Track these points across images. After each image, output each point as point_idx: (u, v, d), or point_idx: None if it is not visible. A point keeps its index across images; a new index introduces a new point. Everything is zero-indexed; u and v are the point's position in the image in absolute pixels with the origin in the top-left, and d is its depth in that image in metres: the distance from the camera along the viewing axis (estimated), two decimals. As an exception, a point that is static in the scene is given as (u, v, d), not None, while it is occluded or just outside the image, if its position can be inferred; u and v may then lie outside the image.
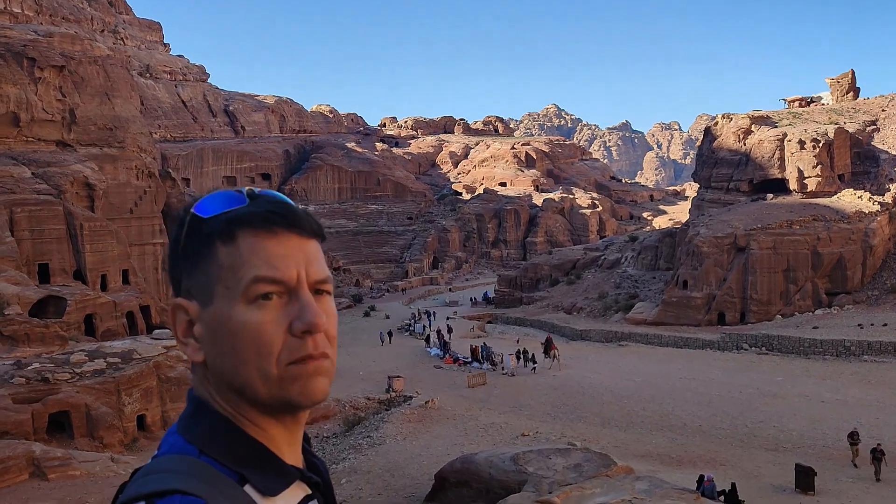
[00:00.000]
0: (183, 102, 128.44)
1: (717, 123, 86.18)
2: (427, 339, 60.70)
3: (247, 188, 1.60)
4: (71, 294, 49.00)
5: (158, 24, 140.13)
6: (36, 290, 47.06)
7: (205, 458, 1.48)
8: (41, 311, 46.08)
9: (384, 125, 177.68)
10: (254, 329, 1.47)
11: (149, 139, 72.58)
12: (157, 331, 44.07)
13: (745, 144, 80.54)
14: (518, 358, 49.37)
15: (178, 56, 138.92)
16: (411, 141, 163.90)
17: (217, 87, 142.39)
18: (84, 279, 53.77)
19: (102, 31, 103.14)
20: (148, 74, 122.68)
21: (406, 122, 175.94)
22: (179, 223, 1.58)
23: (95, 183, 57.23)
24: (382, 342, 60.67)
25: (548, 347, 52.25)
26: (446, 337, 58.35)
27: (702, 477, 23.84)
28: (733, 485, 23.40)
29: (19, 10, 76.75)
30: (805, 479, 25.11)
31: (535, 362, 48.75)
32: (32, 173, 54.02)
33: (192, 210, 1.55)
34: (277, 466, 1.55)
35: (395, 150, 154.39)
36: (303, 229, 1.55)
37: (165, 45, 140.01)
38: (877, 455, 26.75)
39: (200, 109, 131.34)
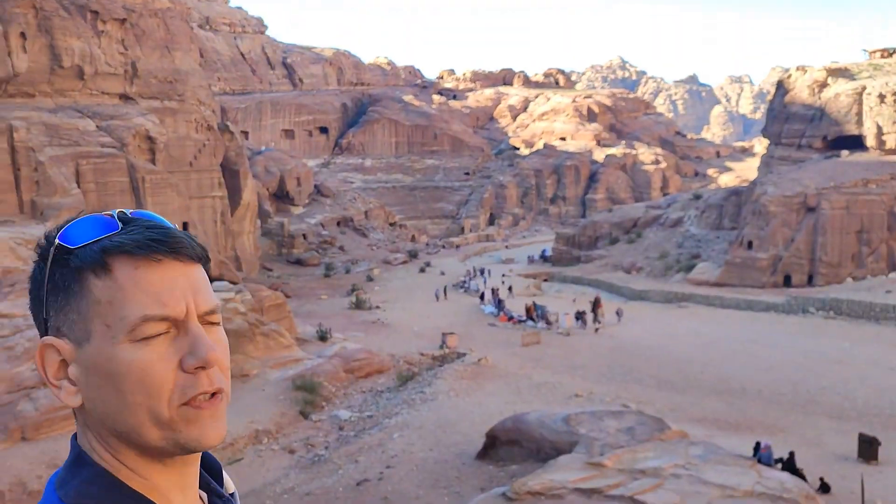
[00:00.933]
0: (242, 55, 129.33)
1: (790, 76, 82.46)
2: (482, 297, 60.54)
3: (117, 211, 1.42)
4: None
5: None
6: (101, 241, 48.34)
7: None
8: (106, 261, 47.33)
9: (442, 78, 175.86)
10: (141, 369, 1.33)
11: (208, 92, 73.30)
12: (215, 283, 44.95)
13: (819, 98, 76.92)
14: (577, 318, 48.81)
15: (237, 8, 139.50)
16: (469, 94, 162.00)
17: (275, 40, 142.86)
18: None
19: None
20: (207, 27, 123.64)
21: (464, 74, 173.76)
22: (41, 255, 1.39)
23: (156, 136, 58.19)
24: (438, 298, 60.76)
25: (595, 306, 51.67)
26: (501, 295, 58.01)
27: (758, 444, 23.23)
28: (792, 453, 22.71)
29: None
30: (868, 448, 24.29)
31: (585, 322, 48.41)
32: (97, 126, 55.17)
33: (56, 240, 1.37)
34: None
35: (452, 103, 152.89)
36: (187, 255, 1.40)
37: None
38: None
39: (259, 62, 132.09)
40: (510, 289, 64.26)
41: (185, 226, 58.18)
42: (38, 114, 52.08)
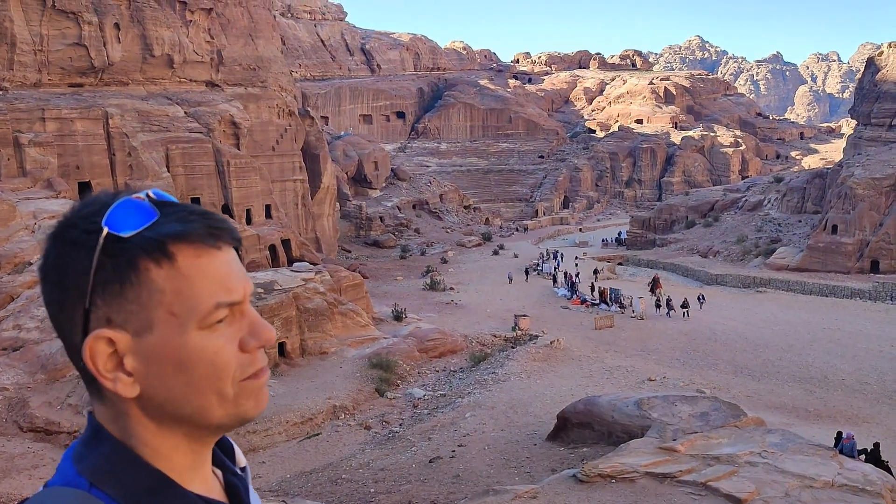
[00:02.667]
0: (322, 41, 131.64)
1: (882, 53, 78.67)
2: (554, 280, 60.52)
3: (145, 192, 1.39)
4: (220, 226, 52.29)
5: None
6: (189, 223, 50.55)
7: (95, 492, 1.33)
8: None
9: (517, 61, 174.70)
10: (214, 353, 1.38)
11: (289, 78, 75.21)
12: (296, 263, 46.46)
13: (913, 77, 73.23)
14: (658, 306, 47.84)
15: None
16: (544, 77, 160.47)
17: (354, 26, 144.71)
18: (231, 213, 57.26)
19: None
20: (289, 14, 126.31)
21: (540, 57, 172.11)
22: (74, 242, 1.34)
23: (241, 121, 60.25)
24: (511, 280, 61.07)
25: (654, 286, 50.86)
26: (574, 278, 57.94)
27: (840, 434, 22.75)
28: (876, 444, 22.16)
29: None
30: (958, 442, 23.44)
31: (670, 308, 47.24)
32: (185, 112, 57.55)
33: (104, 227, 1.32)
34: (181, 498, 1.41)
35: (527, 86, 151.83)
36: (235, 240, 1.44)
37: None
38: None
39: (338, 48, 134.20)
40: (596, 272, 64.06)
41: (267, 208, 60.21)
42: (131, 101, 54.73)
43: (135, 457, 1.39)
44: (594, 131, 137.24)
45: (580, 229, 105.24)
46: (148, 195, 1.38)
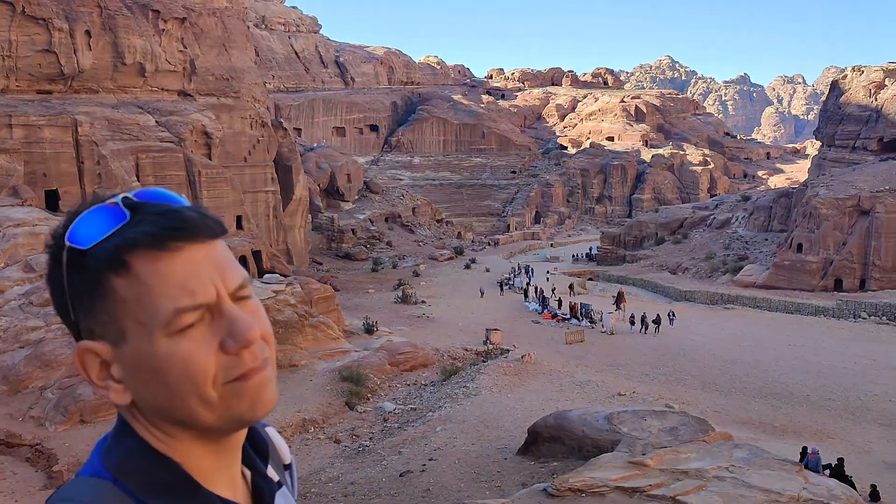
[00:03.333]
0: (296, 53, 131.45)
1: (845, 77, 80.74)
2: (525, 294, 60.78)
3: (122, 196, 1.34)
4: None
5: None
6: (158, 233, 49.97)
7: (120, 486, 1.34)
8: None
9: (491, 77, 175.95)
10: (182, 360, 1.31)
11: (262, 89, 74.92)
12: (267, 275, 46.11)
13: (876, 99, 75.16)
14: (632, 323, 47.80)
15: (292, 7, 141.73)
16: (517, 93, 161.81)
17: (328, 38, 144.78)
18: (201, 224, 56.61)
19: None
20: (263, 26, 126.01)
21: (513, 73, 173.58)
22: (53, 257, 1.33)
23: (213, 132, 59.84)
24: (482, 294, 61.22)
25: (618, 301, 51.20)
26: (546, 293, 58.26)
27: (805, 449, 23.07)
28: (841, 459, 22.50)
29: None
30: (920, 457, 23.91)
31: (644, 324, 46.93)
32: (156, 121, 57.01)
33: (66, 241, 1.30)
34: (200, 497, 1.40)
35: (500, 102, 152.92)
36: (205, 235, 1.35)
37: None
38: None
39: (312, 60, 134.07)
40: (571, 287, 64.43)
41: (238, 219, 59.72)
42: (102, 109, 54.09)
43: (157, 453, 1.39)
44: (566, 148, 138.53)
45: (551, 244, 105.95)
46: (126, 198, 1.33)
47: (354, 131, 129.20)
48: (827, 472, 22.09)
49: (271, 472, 1.60)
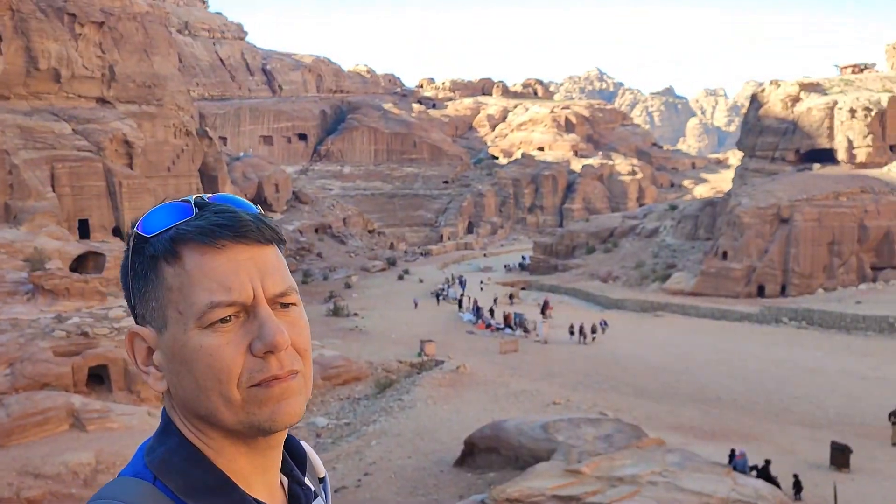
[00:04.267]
0: (221, 61, 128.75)
1: (764, 90, 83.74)
2: (460, 304, 60.63)
3: (195, 196, 1.44)
4: (110, 250, 49.75)
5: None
6: (76, 246, 47.86)
7: (159, 486, 1.38)
8: (81, 266, 46.89)
9: (422, 86, 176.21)
10: (209, 354, 1.36)
11: (186, 97, 72.89)
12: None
13: (792, 112, 78.22)
14: (571, 333, 47.38)
15: (216, 14, 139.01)
16: (448, 103, 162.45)
17: (255, 46, 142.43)
18: (123, 236, 54.60)
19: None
20: (186, 32, 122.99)
21: (444, 83, 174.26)
22: (127, 245, 1.45)
23: (134, 140, 57.73)
24: (416, 305, 60.76)
25: (544, 309, 51.65)
26: (480, 303, 58.22)
27: (733, 451, 23.50)
28: (767, 461, 22.98)
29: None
30: (840, 456, 24.63)
31: (584, 336, 46.65)
32: (73, 130, 54.65)
33: (135, 228, 1.42)
34: (238, 500, 1.41)
35: (431, 112, 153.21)
36: (254, 239, 1.41)
37: (203, 2, 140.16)
38: (893, 419, 26.92)
39: (238, 68, 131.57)
40: (511, 297, 64.51)
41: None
42: (13, 116, 51.53)
43: (198, 454, 1.43)
44: (497, 158, 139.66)
45: (485, 254, 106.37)
46: (199, 197, 1.43)
47: (282, 140, 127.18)
48: (754, 473, 22.52)
49: (308, 482, 1.61)
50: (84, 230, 52.83)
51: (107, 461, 24.36)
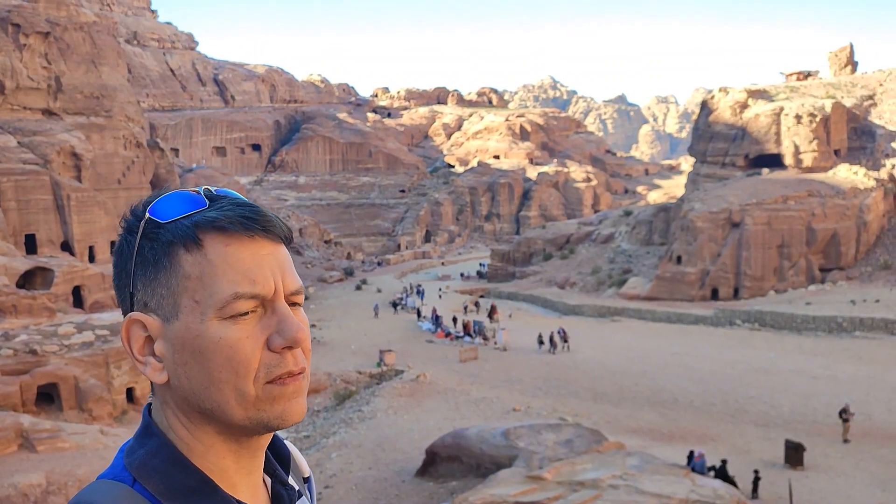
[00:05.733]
0: (171, 71, 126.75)
1: (713, 97, 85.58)
2: (419, 313, 60.52)
3: (203, 188, 1.44)
4: (58, 265, 48.46)
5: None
6: (23, 262, 46.49)
7: (138, 488, 1.35)
8: (28, 282, 45.56)
9: (376, 96, 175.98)
10: (230, 346, 1.34)
11: (136, 108, 71.52)
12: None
13: (741, 118, 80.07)
14: (541, 343, 46.34)
15: (166, 23, 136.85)
16: (404, 112, 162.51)
17: (206, 56, 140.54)
18: (72, 250, 53.18)
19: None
20: (135, 42, 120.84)
21: (398, 92, 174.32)
22: (128, 229, 1.40)
23: (82, 153, 56.37)
24: (377, 313, 60.56)
25: (491, 314, 51.91)
26: (439, 312, 58.19)
27: (692, 453, 23.78)
28: (724, 461, 23.32)
29: (4, -25, 74.93)
30: (794, 454, 25.12)
31: (554, 346, 45.67)
32: (18, 142, 53.14)
33: (147, 213, 1.39)
34: (218, 500, 1.40)
35: (387, 121, 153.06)
36: (276, 234, 1.41)
37: (153, 11, 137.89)
38: (843, 416, 27.60)
39: (189, 78, 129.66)
40: (477, 304, 64.93)
41: (112, 245, 56.40)
42: (-45, 129, 49.92)
43: (179, 455, 1.40)
44: (453, 166, 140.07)
45: (442, 263, 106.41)
46: (207, 189, 1.43)
47: (236, 151, 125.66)
48: (712, 473, 22.84)
49: (292, 482, 1.60)
50: (31, 245, 51.35)
51: (58, 482, 23.64)
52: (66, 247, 53.24)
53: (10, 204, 50.31)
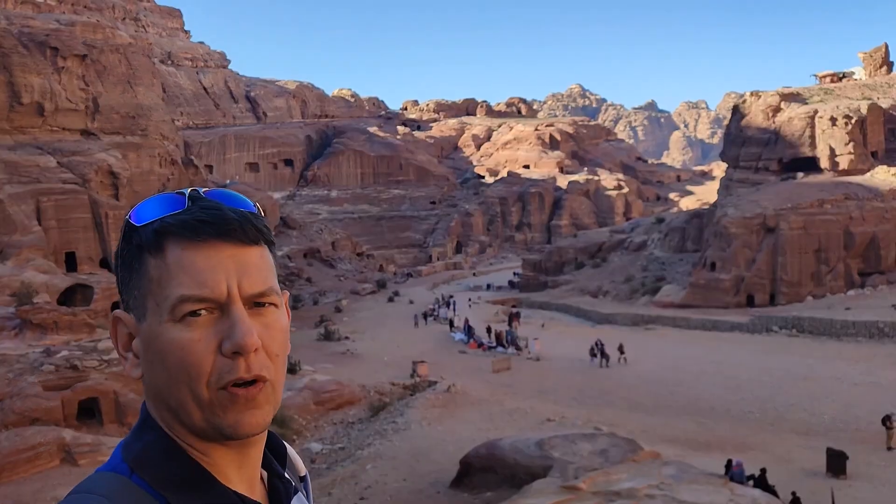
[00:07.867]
0: (205, 89, 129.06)
1: (745, 101, 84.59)
2: (451, 324, 60.57)
3: (189, 189, 1.45)
4: (98, 282, 49.45)
5: (179, 10, 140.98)
6: (63, 279, 47.54)
7: (136, 479, 1.38)
8: (69, 299, 46.54)
9: (406, 109, 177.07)
10: (181, 348, 1.36)
11: (171, 127, 72.93)
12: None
13: (774, 122, 78.99)
14: (593, 355, 44.94)
15: (199, 43, 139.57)
16: (433, 124, 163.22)
17: (238, 74, 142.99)
18: (110, 267, 54.27)
19: (124, 18, 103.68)
20: (169, 62, 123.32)
21: (428, 105, 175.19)
22: (122, 232, 1.47)
23: (119, 171, 57.61)
24: (416, 324, 61.07)
25: (511, 321, 51.37)
26: (471, 322, 58.18)
27: (730, 461, 23.43)
28: (763, 469, 22.94)
29: (41, 0, 77.15)
30: (837, 462, 24.61)
31: (607, 358, 44.35)
32: (58, 162, 54.49)
33: (127, 217, 1.44)
34: (216, 492, 1.41)
35: (416, 133, 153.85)
36: (236, 237, 1.40)
37: (186, 31, 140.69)
38: (887, 424, 27.09)
39: (222, 96, 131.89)
40: (509, 316, 64.34)
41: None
42: (-3, 151, 51.37)
43: (176, 447, 1.43)
44: (483, 177, 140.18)
45: (474, 273, 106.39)
46: (194, 191, 1.43)
47: (268, 166, 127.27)
48: (751, 482, 22.47)
49: (288, 476, 1.62)
50: (71, 263, 52.51)
51: (99, 495, 24.02)
52: (105, 263, 54.35)
53: (51, 223, 51.56)
